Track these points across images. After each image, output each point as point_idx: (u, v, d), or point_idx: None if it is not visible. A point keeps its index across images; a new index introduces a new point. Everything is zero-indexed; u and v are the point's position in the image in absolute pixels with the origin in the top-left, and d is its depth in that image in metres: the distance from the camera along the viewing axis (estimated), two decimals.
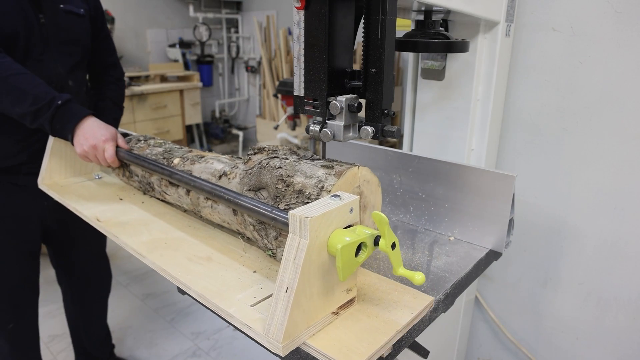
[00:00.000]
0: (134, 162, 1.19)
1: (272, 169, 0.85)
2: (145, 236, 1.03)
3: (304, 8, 0.79)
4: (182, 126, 4.90)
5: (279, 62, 4.89)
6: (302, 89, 0.85)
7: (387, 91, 0.80)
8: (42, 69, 1.38)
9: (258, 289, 0.81)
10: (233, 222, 0.96)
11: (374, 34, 0.77)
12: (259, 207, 0.80)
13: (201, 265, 0.90)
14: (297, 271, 0.63)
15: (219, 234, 1.05)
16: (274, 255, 0.86)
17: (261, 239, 0.86)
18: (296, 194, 0.80)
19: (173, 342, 2.32)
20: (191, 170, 1.06)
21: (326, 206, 0.67)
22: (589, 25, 1.27)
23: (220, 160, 1.04)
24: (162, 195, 1.19)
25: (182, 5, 5.33)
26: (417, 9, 1.12)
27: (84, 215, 1.17)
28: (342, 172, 0.79)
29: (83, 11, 1.49)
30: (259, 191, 0.87)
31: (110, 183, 1.41)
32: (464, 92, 1.31)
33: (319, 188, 0.78)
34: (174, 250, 0.96)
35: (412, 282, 0.68)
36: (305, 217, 0.63)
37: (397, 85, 4.33)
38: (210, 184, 0.94)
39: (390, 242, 0.67)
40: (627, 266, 1.36)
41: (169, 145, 1.25)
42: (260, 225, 0.85)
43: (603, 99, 1.29)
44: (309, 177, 0.80)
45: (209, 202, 1.00)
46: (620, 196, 1.32)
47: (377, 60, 0.78)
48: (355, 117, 0.84)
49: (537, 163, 1.46)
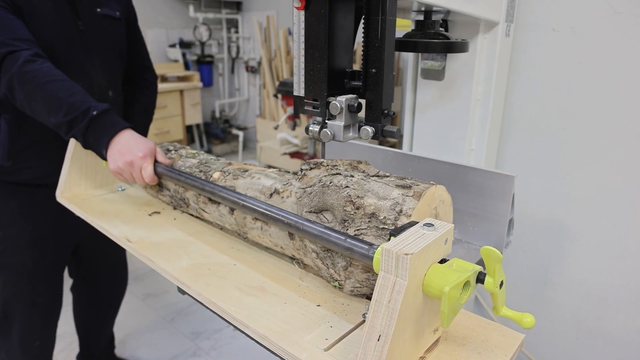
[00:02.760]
0: (173, 178, 1.06)
1: (338, 189, 0.75)
2: (185, 261, 0.92)
3: (304, 8, 0.79)
4: (182, 126, 4.90)
5: (279, 62, 4.89)
6: (302, 89, 0.84)
7: (387, 91, 0.80)
8: (85, 78, 1.31)
9: (327, 327, 0.71)
10: (288, 246, 0.85)
11: (374, 34, 0.77)
12: (330, 235, 0.70)
13: (255, 297, 0.79)
14: (392, 317, 0.55)
15: (267, 258, 0.93)
16: (340, 287, 0.77)
17: (326, 268, 0.77)
18: (367, 218, 0.71)
19: (173, 342, 2.32)
20: (234, 186, 0.95)
21: (422, 239, 0.58)
22: (589, 25, 1.27)
23: (268, 176, 0.93)
24: (198, 213, 1.07)
25: (182, 6, 5.33)
26: (417, 9, 1.12)
27: (112, 235, 1.05)
28: (422, 193, 0.71)
29: (119, 14, 1.42)
30: (321, 213, 0.78)
31: (135, 196, 1.28)
32: (464, 92, 1.31)
33: (397, 212, 0.69)
34: (220, 278, 0.85)
35: (519, 325, 0.60)
36: (405, 255, 0.54)
37: (397, 85, 4.32)
38: (264, 204, 0.83)
39: (499, 280, 0.60)
40: (627, 266, 1.36)
41: (203, 156, 1.13)
42: (325, 253, 0.75)
43: (603, 99, 1.29)
44: (383, 198, 0.71)
45: (258, 223, 0.89)
46: (620, 196, 1.32)
47: (377, 60, 0.78)
48: (355, 117, 0.83)
49: (537, 163, 1.46)
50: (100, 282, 1.79)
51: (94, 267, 1.74)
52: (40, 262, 1.45)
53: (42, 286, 1.49)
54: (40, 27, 1.22)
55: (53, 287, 1.54)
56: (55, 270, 1.52)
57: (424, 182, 0.75)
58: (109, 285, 1.83)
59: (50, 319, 1.57)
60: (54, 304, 1.56)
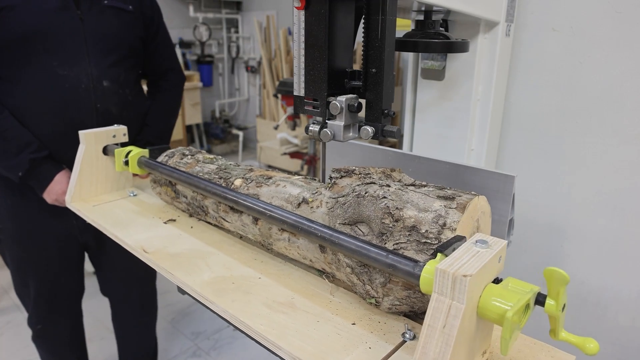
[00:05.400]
0: (191, 185, 1.01)
1: (375, 199, 0.72)
2: (207, 274, 0.87)
3: (304, 8, 0.79)
4: (182, 126, 4.90)
5: (279, 62, 4.89)
6: (302, 89, 0.84)
7: (387, 91, 0.80)
8: (73, 66, 1.33)
9: (366, 348, 0.66)
10: (318, 260, 0.81)
11: (374, 34, 0.77)
12: (370, 250, 0.66)
13: (285, 314, 0.74)
14: (448, 343, 0.51)
15: (293, 270, 0.88)
16: (377, 305, 0.73)
17: (361, 284, 0.72)
18: (407, 231, 0.67)
19: (173, 342, 2.32)
20: (258, 195, 0.91)
21: (477, 258, 0.54)
22: (589, 25, 1.27)
23: (294, 183, 0.89)
24: (218, 221, 1.03)
25: (182, 5, 5.34)
26: (417, 9, 1.12)
27: (127, 245, 1.01)
28: (466, 205, 0.67)
29: (132, 8, 1.41)
30: (356, 225, 0.73)
31: (147, 202, 1.25)
32: (464, 92, 1.31)
33: (440, 225, 0.65)
34: (246, 293, 0.80)
35: (581, 351, 0.56)
36: (464, 276, 0.50)
37: (397, 85, 4.32)
38: (294, 215, 0.79)
39: (562, 303, 0.56)
40: (627, 266, 1.36)
41: (222, 161, 1.10)
42: (362, 269, 0.71)
43: (603, 99, 1.29)
44: (423, 210, 0.68)
45: (285, 234, 0.85)
46: (620, 196, 1.32)
47: (377, 60, 0.78)
48: (355, 117, 0.83)
49: (537, 163, 1.46)
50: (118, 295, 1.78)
51: (110, 279, 1.74)
52: (35, 255, 1.52)
53: (44, 277, 1.54)
54: (32, 14, 1.26)
55: (64, 278, 1.59)
56: (67, 266, 1.57)
57: (465, 193, 0.71)
58: (130, 299, 1.79)
59: (57, 305, 1.61)
60: (58, 293, 1.60)
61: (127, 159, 1.20)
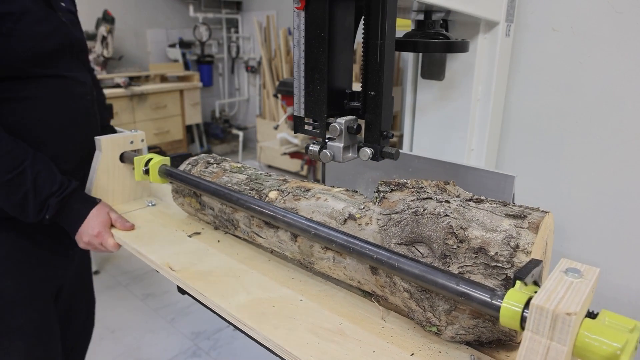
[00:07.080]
0: (222, 197, 0.93)
1: (436, 218, 0.66)
2: (243, 295, 0.79)
3: (303, 8, 0.79)
4: (182, 126, 4.91)
5: (279, 62, 4.90)
6: (302, 110, 0.85)
7: (386, 113, 0.80)
8: (79, 81, 1.24)
9: None
10: (369, 282, 0.74)
11: (372, 58, 0.77)
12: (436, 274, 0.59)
13: (336, 343, 0.67)
14: None
15: (336, 292, 0.81)
16: (438, 333, 0.66)
17: (421, 310, 0.66)
18: (473, 253, 0.61)
19: (173, 342, 2.32)
20: (296, 209, 0.84)
21: (574, 290, 0.48)
22: (589, 25, 1.27)
23: (337, 197, 0.82)
24: (250, 236, 0.95)
25: (182, 5, 5.34)
26: (417, 9, 1.12)
27: (151, 261, 0.93)
28: (539, 225, 0.61)
29: (74, 9, 1.34)
30: (413, 245, 0.67)
31: (168, 213, 1.17)
32: (464, 92, 1.31)
33: (512, 247, 0.59)
34: (289, 317, 0.73)
35: None
36: (567, 315, 0.44)
37: (397, 85, 4.33)
38: (343, 234, 0.72)
39: None
40: (627, 266, 1.36)
41: (251, 170, 1.01)
42: (422, 294, 0.64)
43: (603, 99, 1.29)
44: (491, 230, 0.62)
45: (329, 253, 0.78)
46: (620, 196, 1.32)
47: (376, 83, 0.78)
48: (354, 137, 0.84)
49: (537, 163, 1.46)
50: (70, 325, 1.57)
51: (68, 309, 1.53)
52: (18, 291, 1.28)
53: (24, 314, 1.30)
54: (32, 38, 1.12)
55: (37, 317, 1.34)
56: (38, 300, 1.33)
57: (534, 209, 0.65)
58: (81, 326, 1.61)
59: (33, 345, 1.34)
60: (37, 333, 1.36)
61: (148, 168, 1.12)
